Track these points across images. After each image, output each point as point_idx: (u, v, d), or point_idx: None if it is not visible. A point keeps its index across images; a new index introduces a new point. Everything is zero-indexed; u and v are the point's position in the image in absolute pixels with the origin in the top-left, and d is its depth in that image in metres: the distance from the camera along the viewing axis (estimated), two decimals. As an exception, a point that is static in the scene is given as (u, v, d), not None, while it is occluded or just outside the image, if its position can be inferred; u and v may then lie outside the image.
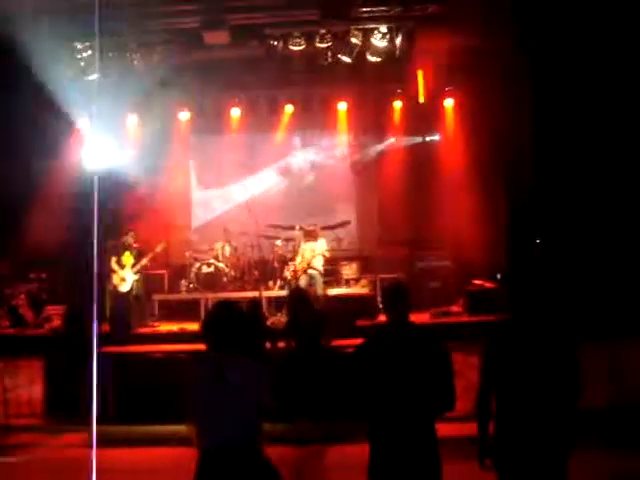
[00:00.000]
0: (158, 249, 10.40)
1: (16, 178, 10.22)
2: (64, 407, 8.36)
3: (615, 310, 7.86)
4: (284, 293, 10.15)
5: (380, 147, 12.78)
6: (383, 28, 9.40)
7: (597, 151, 9.00)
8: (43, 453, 7.28)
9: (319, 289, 10.16)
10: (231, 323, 3.72)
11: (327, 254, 10.38)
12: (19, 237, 10.46)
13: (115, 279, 10.05)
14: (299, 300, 7.59)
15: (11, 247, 10.32)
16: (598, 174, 9.01)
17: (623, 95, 8.81)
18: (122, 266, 10.07)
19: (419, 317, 8.59)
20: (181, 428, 7.37)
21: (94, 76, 9.77)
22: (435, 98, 11.94)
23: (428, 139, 12.30)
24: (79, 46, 9.46)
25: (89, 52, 9.53)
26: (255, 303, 8.18)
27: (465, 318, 9.37)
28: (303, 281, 10.17)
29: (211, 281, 11.17)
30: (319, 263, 10.27)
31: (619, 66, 8.76)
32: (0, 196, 10.01)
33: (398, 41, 9.48)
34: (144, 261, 10.17)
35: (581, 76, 9.03)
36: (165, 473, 6.57)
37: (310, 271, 10.19)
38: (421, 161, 12.19)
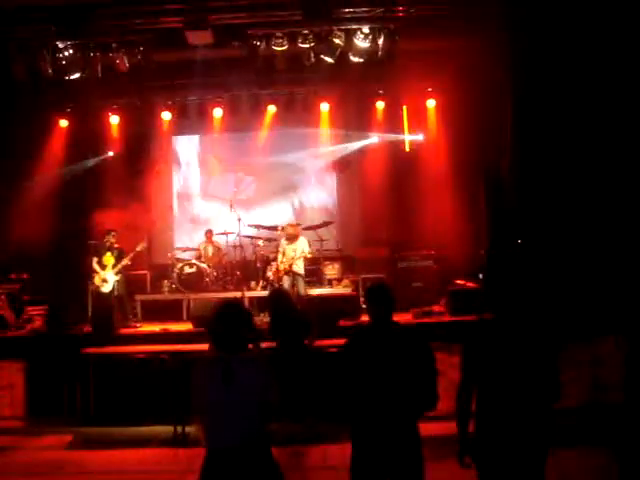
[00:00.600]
0: (138, 248, 10.36)
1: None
2: (45, 409, 8.33)
3: (593, 309, 7.94)
4: (266, 293, 10.15)
5: (362, 147, 12.80)
6: (365, 29, 9.40)
7: (576, 152, 9.10)
8: (24, 455, 7.22)
9: (302, 289, 10.17)
10: (239, 322, 3.72)
11: (309, 255, 10.33)
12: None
13: (96, 280, 10.02)
14: (280, 300, 7.58)
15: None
16: (577, 175, 9.11)
17: (601, 95, 8.92)
18: (103, 267, 10.04)
19: (401, 317, 8.61)
20: (163, 429, 7.47)
21: (76, 75, 9.70)
22: (417, 99, 12.02)
23: (410, 139, 12.34)
24: (61, 45, 9.37)
25: (71, 51, 9.45)
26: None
27: (447, 318, 9.39)
28: (286, 282, 10.17)
29: (193, 281, 11.16)
30: (301, 265, 10.25)
31: (598, 67, 8.86)
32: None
33: (380, 42, 9.48)
34: (125, 261, 10.13)
35: (561, 79, 9.13)
36: (148, 474, 6.56)
37: (293, 269, 10.17)
38: (403, 161, 12.25)
